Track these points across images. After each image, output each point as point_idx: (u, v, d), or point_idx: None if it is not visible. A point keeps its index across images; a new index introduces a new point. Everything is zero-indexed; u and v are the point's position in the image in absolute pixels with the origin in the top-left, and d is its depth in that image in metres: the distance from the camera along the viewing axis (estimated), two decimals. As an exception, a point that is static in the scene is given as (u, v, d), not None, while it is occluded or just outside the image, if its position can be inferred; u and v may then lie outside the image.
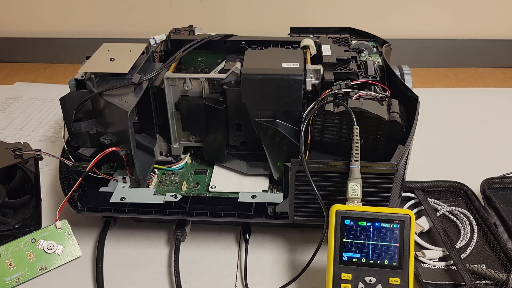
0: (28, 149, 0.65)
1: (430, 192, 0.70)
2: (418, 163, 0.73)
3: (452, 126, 0.92)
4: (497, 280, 0.57)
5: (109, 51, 0.68)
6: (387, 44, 0.74)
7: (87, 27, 1.23)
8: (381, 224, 0.51)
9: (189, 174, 0.70)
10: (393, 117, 0.56)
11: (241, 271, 0.61)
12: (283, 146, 0.63)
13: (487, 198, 0.68)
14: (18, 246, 0.62)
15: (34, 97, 1.07)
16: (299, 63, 0.62)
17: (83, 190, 0.64)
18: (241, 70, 0.61)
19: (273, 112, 0.62)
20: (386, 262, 0.50)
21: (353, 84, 0.61)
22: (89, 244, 0.65)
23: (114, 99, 0.60)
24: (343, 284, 0.50)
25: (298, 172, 0.54)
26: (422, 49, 1.18)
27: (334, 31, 0.79)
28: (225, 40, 0.73)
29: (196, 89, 0.64)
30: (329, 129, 0.59)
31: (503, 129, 0.91)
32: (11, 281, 0.59)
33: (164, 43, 0.75)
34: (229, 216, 0.61)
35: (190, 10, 1.18)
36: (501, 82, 1.12)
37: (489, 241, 0.63)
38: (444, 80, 1.14)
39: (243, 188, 0.66)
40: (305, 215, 0.58)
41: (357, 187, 0.52)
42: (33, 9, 1.23)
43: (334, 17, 1.17)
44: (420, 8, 1.15)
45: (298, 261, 0.63)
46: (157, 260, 0.63)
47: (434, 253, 0.61)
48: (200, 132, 0.68)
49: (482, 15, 1.16)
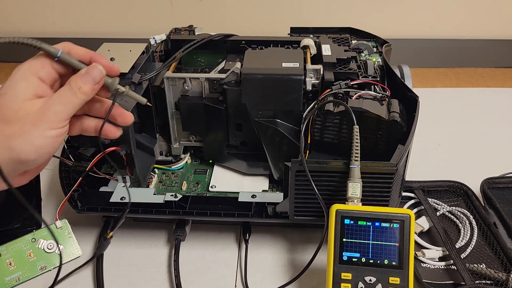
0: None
1: (430, 192, 0.70)
2: (418, 163, 0.73)
3: (452, 126, 0.92)
4: (497, 280, 0.57)
5: (109, 51, 0.68)
6: (387, 44, 0.74)
7: (87, 27, 1.23)
8: (381, 223, 0.51)
9: (189, 174, 0.70)
10: (393, 116, 0.56)
11: (241, 270, 0.61)
12: (283, 146, 0.63)
13: (487, 198, 0.68)
14: (18, 245, 0.62)
15: (34, 97, 1.07)
16: (299, 63, 0.62)
17: (83, 189, 0.64)
18: (241, 70, 0.61)
19: (273, 112, 0.62)
20: (386, 262, 0.50)
21: (353, 84, 0.61)
22: (89, 244, 0.65)
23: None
24: (343, 283, 0.50)
25: (298, 172, 0.54)
26: (422, 49, 1.18)
27: (334, 31, 0.79)
28: (225, 40, 0.73)
29: (196, 89, 0.64)
30: (329, 129, 0.59)
31: (503, 129, 0.91)
32: (11, 281, 0.59)
33: (164, 43, 0.75)
34: (229, 216, 0.61)
35: (190, 10, 1.18)
36: (501, 82, 1.12)
37: (489, 241, 0.63)
38: (444, 80, 1.14)
39: (243, 188, 0.66)
40: (305, 214, 0.58)
41: (357, 187, 0.52)
42: (33, 9, 1.23)
43: (334, 17, 1.17)
44: (420, 8, 1.15)
45: (298, 260, 0.63)
46: (157, 260, 0.63)
47: (434, 252, 0.61)
48: (200, 132, 0.68)
49: (482, 15, 1.16)
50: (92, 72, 0.45)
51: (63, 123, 0.44)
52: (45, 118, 0.43)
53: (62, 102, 0.44)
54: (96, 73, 0.45)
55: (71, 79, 0.45)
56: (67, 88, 0.44)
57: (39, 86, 0.44)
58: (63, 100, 0.44)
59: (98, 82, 0.46)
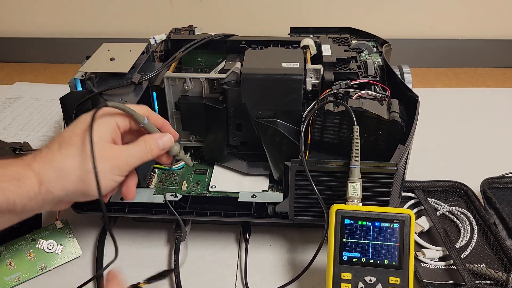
0: (28, 149, 0.65)
1: (430, 192, 0.70)
2: (418, 163, 0.73)
3: (452, 126, 0.92)
4: (497, 280, 0.57)
5: (109, 51, 0.68)
6: (387, 44, 0.74)
7: (87, 27, 1.23)
8: (381, 223, 0.51)
9: (189, 174, 0.70)
10: (393, 116, 0.56)
11: (241, 270, 0.61)
12: (283, 146, 0.63)
13: (487, 198, 0.68)
14: (18, 245, 0.62)
15: (34, 97, 1.07)
16: (299, 63, 0.62)
17: (83, 189, 0.64)
18: (241, 70, 0.61)
19: (273, 112, 0.62)
20: (386, 262, 0.50)
21: (353, 84, 0.61)
22: (89, 244, 0.66)
23: (114, 99, 0.60)
24: (343, 283, 0.50)
25: (298, 172, 0.54)
26: (422, 49, 1.18)
27: (334, 31, 0.79)
28: (225, 40, 0.73)
29: (196, 88, 0.64)
30: (329, 129, 0.59)
31: (503, 129, 0.91)
32: (11, 281, 0.59)
33: (164, 43, 0.75)
34: (229, 216, 0.61)
35: (190, 10, 1.18)
36: (501, 82, 1.12)
37: (489, 241, 0.63)
38: (444, 80, 1.14)
39: (243, 188, 0.66)
40: (305, 214, 0.58)
41: (357, 187, 0.52)
42: (33, 9, 1.23)
43: (334, 17, 1.17)
44: (420, 8, 1.15)
45: (298, 260, 0.63)
46: (157, 260, 0.63)
47: (434, 252, 0.61)
48: (200, 132, 0.68)
49: (482, 15, 1.16)
50: (165, 141, 0.52)
51: (127, 173, 0.51)
52: (119, 165, 0.49)
53: (135, 156, 0.50)
54: (167, 143, 0.53)
55: (146, 139, 0.51)
56: (142, 146, 0.51)
57: (116, 133, 0.50)
58: (136, 155, 0.50)
59: (165, 149, 0.53)
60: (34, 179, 0.44)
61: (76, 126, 0.48)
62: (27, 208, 0.45)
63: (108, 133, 0.49)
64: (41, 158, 0.46)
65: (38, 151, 0.47)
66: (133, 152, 0.50)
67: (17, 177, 0.44)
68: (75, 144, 0.47)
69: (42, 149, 0.47)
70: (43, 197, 0.45)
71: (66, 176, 0.46)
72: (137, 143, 0.50)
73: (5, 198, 0.43)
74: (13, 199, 0.43)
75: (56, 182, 0.45)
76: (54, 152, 0.46)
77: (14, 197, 0.43)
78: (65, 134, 0.48)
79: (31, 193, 0.44)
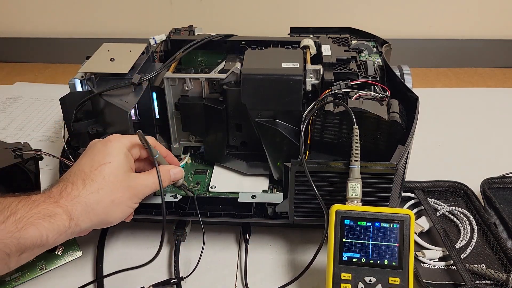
0: (28, 149, 0.65)
1: (430, 192, 0.70)
2: (418, 163, 0.73)
3: (452, 126, 0.92)
4: (497, 280, 0.57)
5: (109, 51, 0.68)
6: (387, 44, 0.74)
7: (87, 27, 1.23)
8: (381, 224, 0.51)
9: (189, 174, 0.70)
10: (393, 117, 0.56)
11: (241, 271, 0.61)
12: (283, 146, 0.63)
13: (487, 198, 0.68)
14: (18, 246, 0.62)
15: (34, 97, 1.07)
16: (299, 63, 0.62)
17: (83, 190, 0.63)
18: (241, 70, 0.61)
19: (273, 112, 0.62)
20: (386, 262, 0.50)
21: (353, 84, 0.61)
22: (89, 244, 0.66)
23: (114, 99, 0.60)
24: (343, 284, 0.50)
25: (298, 172, 0.54)
26: (422, 49, 1.18)
27: (334, 31, 0.79)
28: (225, 40, 0.73)
29: (196, 89, 0.64)
30: (329, 129, 0.59)
31: (503, 129, 0.91)
32: (11, 281, 0.59)
33: (164, 43, 0.75)
34: (229, 216, 0.61)
35: (190, 10, 1.18)
36: (501, 82, 1.12)
37: (489, 241, 0.63)
38: (444, 80, 1.14)
39: (243, 188, 0.66)
40: (305, 215, 0.58)
41: (357, 187, 0.52)
42: (33, 9, 1.23)
43: (334, 17, 1.17)
44: (420, 8, 1.15)
45: (298, 261, 0.63)
46: (157, 260, 0.63)
47: (434, 253, 0.61)
48: (200, 132, 0.68)
49: (482, 15, 1.16)
50: (176, 173, 0.58)
51: (140, 200, 0.55)
52: (137, 194, 0.54)
53: (149, 186, 0.54)
54: (178, 175, 0.59)
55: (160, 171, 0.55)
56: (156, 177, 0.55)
57: (131, 162, 0.55)
58: (152, 186, 0.55)
59: (175, 180, 0.59)
60: (64, 215, 0.48)
61: (94, 160, 0.52)
62: (57, 241, 0.48)
63: (127, 162, 0.54)
64: (67, 194, 0.49)
65: (63, 186, 0.50)
66: (149, 183, 0.54)
67: (49, 214, 0.47)
68: (96, 179, 0.51)
69: (67, 185, 0.50)
70: (72, 231, 0.49)
71: (92, 210, 0.50)
72: (152, 174, 0.55)
73: (39, 233, 0.46)
74: (46, 234, 0.47)
75: (84, 216, 0.49)
76: (80, 189, 0.50)
77: (47, 232, 0.47)
78: (86, 169, 0.52)
79: (61, 228, 0.48)
